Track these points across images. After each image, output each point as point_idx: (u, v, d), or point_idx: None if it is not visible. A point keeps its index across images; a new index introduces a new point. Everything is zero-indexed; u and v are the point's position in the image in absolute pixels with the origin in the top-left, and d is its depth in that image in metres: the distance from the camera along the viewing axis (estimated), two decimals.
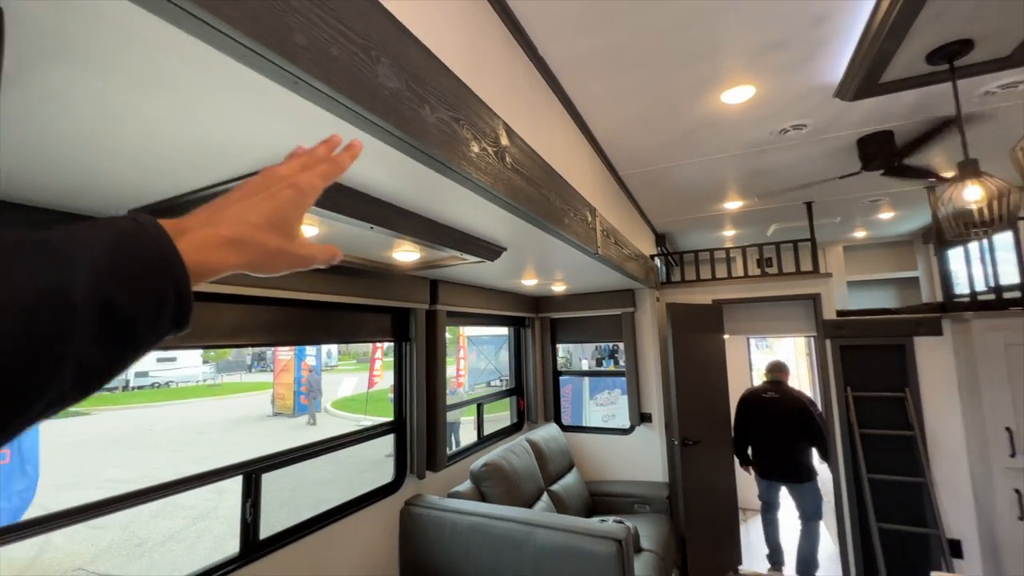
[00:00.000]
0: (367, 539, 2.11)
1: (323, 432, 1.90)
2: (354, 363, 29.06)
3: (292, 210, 0.39)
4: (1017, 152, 1.39)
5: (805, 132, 2.28)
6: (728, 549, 3.43)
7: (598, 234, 2.00)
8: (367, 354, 21.55)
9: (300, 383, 14.47)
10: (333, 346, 29.26)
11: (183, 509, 7.24)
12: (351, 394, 16.68)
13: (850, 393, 3.22)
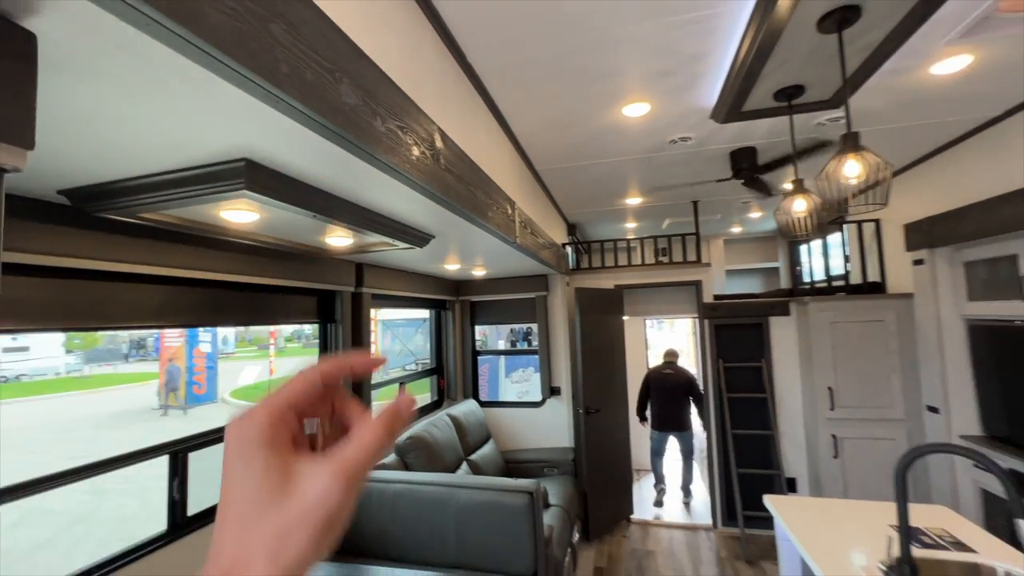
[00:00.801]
0: None
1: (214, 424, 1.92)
2: (254, 350, 27.00)
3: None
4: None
5: (690, 143, 2.69)
6: (623, 502, 3.95)
7: (517, 225, 2.23)
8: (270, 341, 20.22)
9: (193, 372, 13.27)
10: (230, 332, 26.82)
11: (53, 515, 6.46)
12: (253, 382, 15.63)
13: (722, 364, 3.84)
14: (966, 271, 2.81)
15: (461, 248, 2.46)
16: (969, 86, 2.10)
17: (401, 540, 2.19)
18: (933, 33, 1.65)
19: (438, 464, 2.71)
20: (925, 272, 3.02)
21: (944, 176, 2.99)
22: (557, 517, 2.82)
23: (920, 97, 2.19)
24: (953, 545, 1.54)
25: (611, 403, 3.90)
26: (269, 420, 0.29)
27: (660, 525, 3.88)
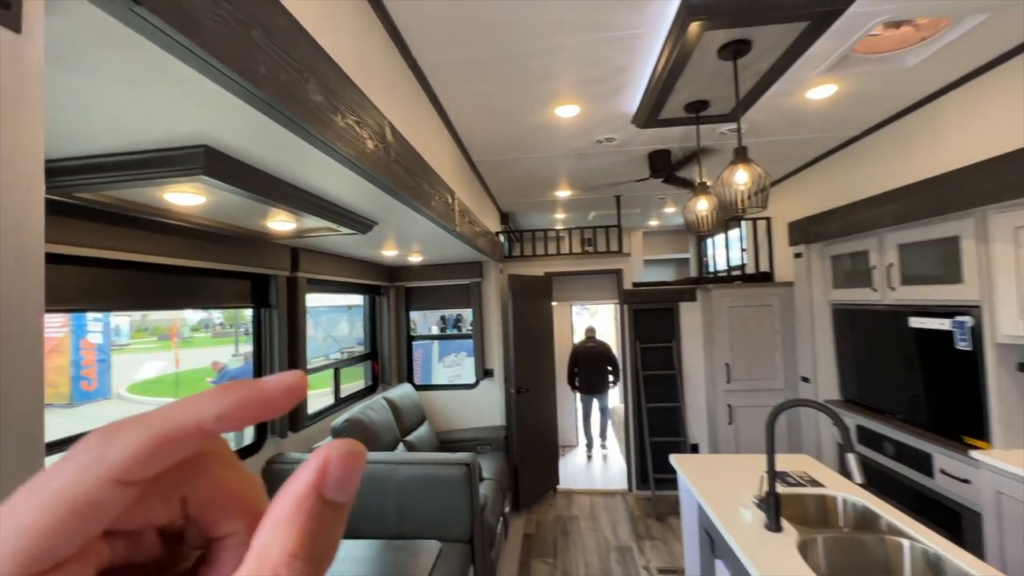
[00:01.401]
0: None
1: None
2: (154, 340, 24.38)
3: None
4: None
5: (614, 143, 2.94)
6: (550, 474, 4.25)
7: (456, 213, 2.34)
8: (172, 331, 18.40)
9: (81, 365, 11.83)
10: (124, 321, 24.02)
11: None
12: (156, 375, 14.24)
13: (638, 345, 4.24)
14: (832, 263, 3.36)
15: (401, 234, 2.53)
16: (836, 109, 2.53)
17: None
18: (807, 66, 1.99)
19: (375, 445, 2.79)
20: (803, 264, 3.56)
21: (818, 183, 3.53)
22: (490, 489, 3.01)
23: (800, 116, 2.59)
24: (809, 483, 1.93)
25: (540, 383, 4.16)
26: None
27: (583, 492, 4.24)
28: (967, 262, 2.28)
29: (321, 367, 3.21)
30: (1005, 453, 2.13)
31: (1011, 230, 2.10)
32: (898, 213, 2.56)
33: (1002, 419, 2.17)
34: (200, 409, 0.16)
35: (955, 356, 2.37)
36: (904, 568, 1.46)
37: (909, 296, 2.65)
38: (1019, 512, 1.96)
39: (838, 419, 1.44)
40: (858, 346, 3.16)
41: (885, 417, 2.86)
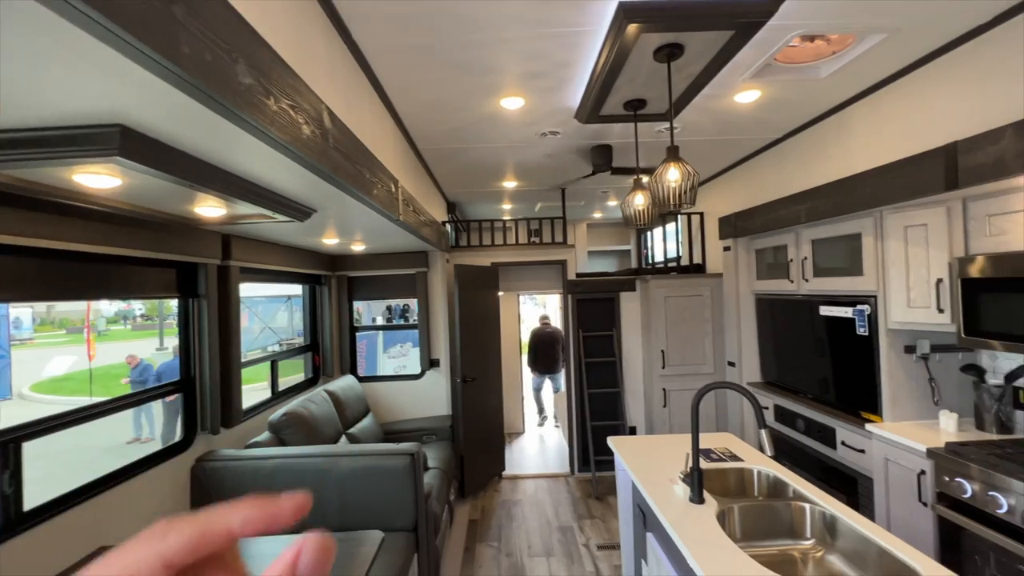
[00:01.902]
0: (152, 502, 2.05)
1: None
2: (63, 334, 22.05)
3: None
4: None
5: (558, 137, 3.00)
6: (496, 461, 4.32)
7: (400, 202, 2.31)
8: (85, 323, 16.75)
9: None
10: (25, 313, 21.55)
11: None
12: (66, 372, 12.94)
13: (581, 334, 4.38)
14: (756, 256, 3.63)
15: (343, 223, 2.46)
16: (760, 114, 2.72)
17: None
18: (734, 72, 2.13)
19: (317, 439, 2.72)
20: (731, 257, 3.82)
21: (746, 181, 3.79)
22: (435, 477, 3.03)
23: (729, 118, 2.77)
24: (730, 458, 2.10)
25: (487, 372, 4.20)
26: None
27: (528, 477, 4.35)
28: (867, 257, 2.55)
29: (257, 360, 3.07)
30: (893, 425, 2.42)
31: (901, 229, 2.37)
32: (811, 211, 2.81)
33: (891, 395, 2.47)
34: (231, 517, 0.22)
35: (856, 341, 2.66)
36: (806, 528, 1.64)
37: (820, 287, 2.92)
38: (902, 476, 2.24)
39: (752, 399, 1.58)
40: (777, 332, 3.45)
41: (798, 396, 3.15)
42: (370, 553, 1.68)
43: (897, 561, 1.31)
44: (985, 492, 1.84)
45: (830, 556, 1.55)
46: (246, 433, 2.64)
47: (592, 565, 2.92)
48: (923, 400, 2.47)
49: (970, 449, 1.99)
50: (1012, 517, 1.74)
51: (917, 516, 2.16)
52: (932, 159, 2.02)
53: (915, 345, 2.46)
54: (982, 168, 1.81)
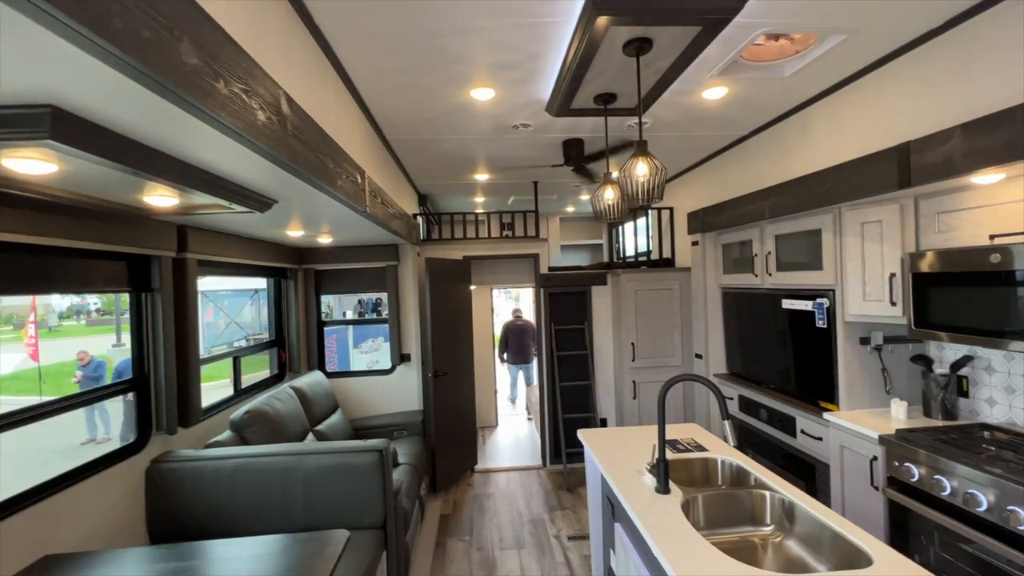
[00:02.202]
0: (103, 507, 1.95)
1: None
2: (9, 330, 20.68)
3: None
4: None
5: (530, 130, 2.98)
6: (468, 455, 4.31)
7: (367, 194, 2.25)
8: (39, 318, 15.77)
9: None
10: None
11: None
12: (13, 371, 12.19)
13: (554, 327, 4.40)
14: (723, 251, 3.72)
15: (307, 215, 2.38)
16: (727, 111, 2.77)
17: (241, 514, 2.13)
18: (702, 68, 2.16)
19: (281, 437, 2.64)
20: (699, 251, 3.90)
21: (714, 176, 3.86)
22: (406, 473, 3.00)
23: (697, 114, 2.80)
24: (696, 448, 2.15)
25: (459, 366, 4.18)
26: None
27: (500, 470, 4.36)
28: (826, 252, 2.64)
29: (218, 356, 2.96)
30: (848, 413, 2.52)
31: (858, 225, 2.46)
32: (774, 207, 2.88)
33: (847, 385, 2.57)
34: None
35: (815, 333, 2.75)
36: (766, 515, 1.69)
37: (782, 281, 3.01)
38: (856, 462, 2.34)
39: (716, 390, 1.62)
40: (742, 325, 3.54)
41: (762, 387, 3.25)
42: (335, 553, 1.64)
43: (850, 544, 1.36)
44: (931, 476, 1.93)
45: (788, 541, 1.60)
46: (206, 432, 2.55)
47: (563, 556, 2.95)
48: (876, 389, 2.58)
49: (918, 435, 2.10)
50: (954, 499, 1.84)
51: (869, 500, 2.27)
52: (886, 158, 2.10)
53: (870, 337, 2.57)
54: (932, 167, 1.89)
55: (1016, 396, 2.17)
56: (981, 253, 1.89)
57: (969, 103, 1.86)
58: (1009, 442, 1.96)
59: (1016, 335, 1.79)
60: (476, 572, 2.81)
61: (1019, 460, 1.77)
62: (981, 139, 1.69)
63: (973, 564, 1.80)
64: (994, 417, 2.26)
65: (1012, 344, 1.80)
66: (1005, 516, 1.65)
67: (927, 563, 1.99)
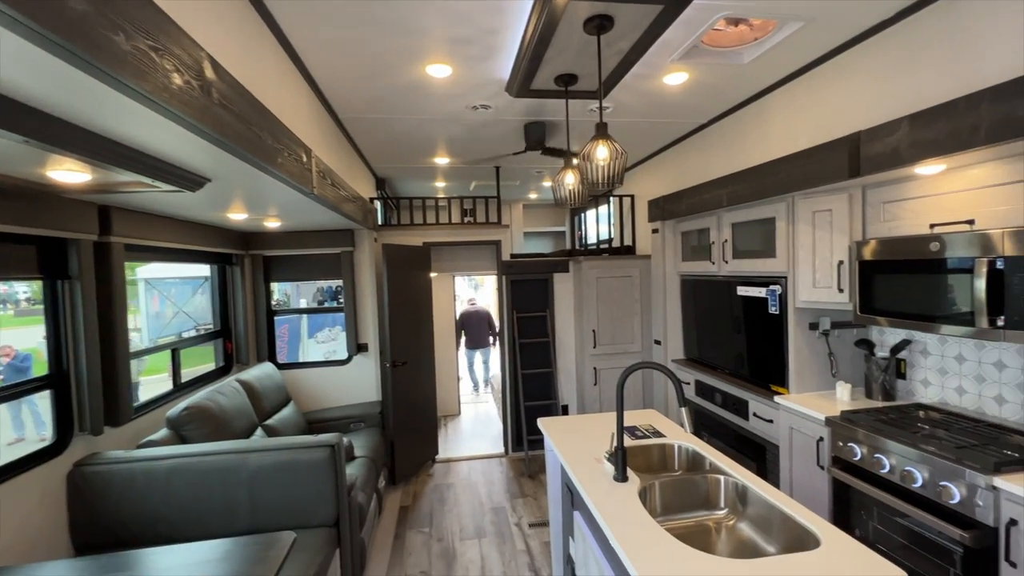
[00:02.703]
0: (18, 516, 1.76)
1: None
2: None
3: None
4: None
5: (490, 112, 2.89)
6: (429, 445, 4.24)
7: (314, 174, 2.11)
8: None
9: None
10: None
11: None
12: None
13: (516, 315, 4.36)
14: (682, 238, 3.76)
15: (249, 196, 2.21)
16: (687, 98, 2.76)
17: (179, 519, 1.98)
18: (663, 52, 2.12)
19: (226, 434, 2.48)
20: (658, 239, 3.93)
21: (674, 164, 3.89)
22: (362, 467, 2.90)
23: (659, 100, 2.78)
24: (653, 434, 2.16)
25: (419, 356, 4.08)
26: None
27: (461, 459, 4.32)
28: (780, 240, 2.70)
29: (153, 349, 2.75)
30: (797, 396, 2.61)
31: (810, 213, 2.52)
32: (731, 195, 2.92)
33: (797, 369, 2.66)
34: None
35: (768, 319, 2.83)
36: (720, 499, 1.72)
37: (738, 268, 3.07)
38: (804, 443, 2.43)
39: (673, 377, 1.61)
40: (699, 312, 3.61)
41: (717, 372, 3.33)
42: (280, 556, 1.54)
43: (799, 526, 1.39)
44: (872, 455, 2.02)
45: (741, 524, 1.63)
46: (140, 431, 2.36)
47: (523, 543, 2.95)
48: (823, 373, 2.68)
49: (860, 416, 2.19)
50: (892, 476, 1.93)
51: (815, 478, 2.36)
52: (838, 148, 2.14)
53: (818, 322, 2.66)
54: (880, 157, 1.94)
55: (948, 377, 2.30)
56: (922, 242, 1.96)
57: (916, 94, 1.91)
58: (942, 421, 2.08)
59: (948, 320, 1.87)
60: (435, 564, 2.76)
61: (951, 438, 1.87)
62: (926, 130, 1.74)
63: (908, 536, 1.90)
64: (928, 397, 2.39)
65: (945, 328, 1.89)
66: (938, 492, 1.74)
67: (866, 536, 2.09)
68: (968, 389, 2.21)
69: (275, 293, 5.47)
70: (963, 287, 1.83)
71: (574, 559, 2.08)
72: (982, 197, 1.83)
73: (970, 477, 1.66)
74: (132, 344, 2.29)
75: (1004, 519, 1.57)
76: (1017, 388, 2.02)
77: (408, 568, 2.73)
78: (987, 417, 2.10)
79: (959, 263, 1.83)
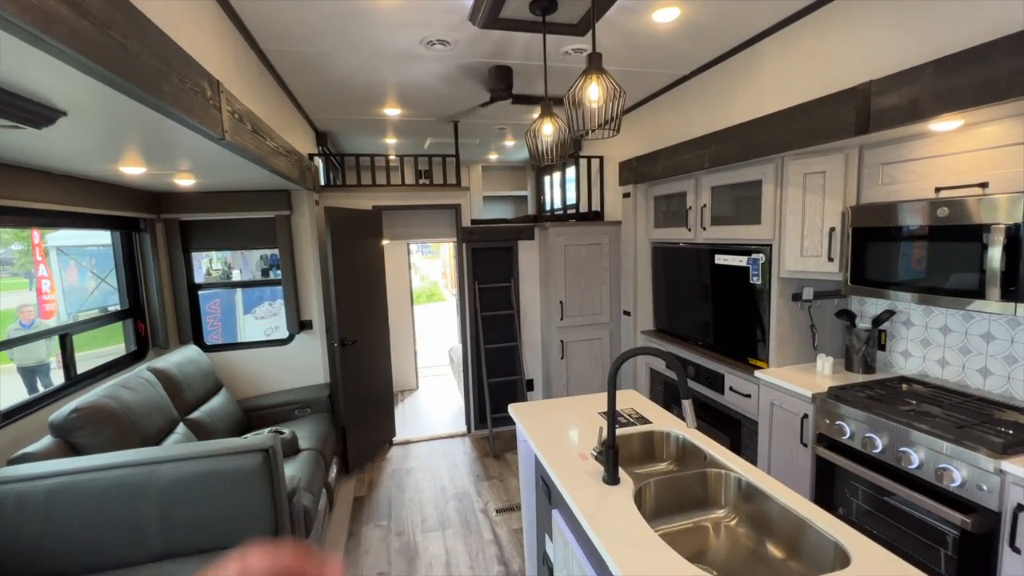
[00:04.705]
0: None
1: None
2: None
3: None
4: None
5: (449, 50, 2.46)
6: (385, 427, 3.93)
7: (225, 115, 1.65)
8: None
9: None
10: None
11: None
12: None
13: (477, 286, 4.04)
14: (655, 204, 3.53)
15: (139, 141, 1.72)
16: (675, 41, 2.45)
17: (67, 552, 1.59)
18: None
19: (133, 438, 2.06)
20: (630, 204, 3.68)
21: (648, 123, 3.61)
22: (308, 462, 2.56)
23: (643, 43, 2.45)
24: (638, 420, 1.96)
25: (371, 331, 3.70)
26: None
27: (421, 440, 4.05)
28: (765, 205, 2.51)
29: (36, 335, 2.23)
30: (778, 371, 2.49)
31: (801, 176, 2.32)
32: (715, 156, 2.69)
33: (778, 342, 2.53)
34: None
35: (747, 290, 2.67)
36: (721, 497, 1.53)
37: (716, 236, 2.88)
38: (786, 419, 2.32)
39: (679, 368, 1.37)
40: (671, 281, 3.44)
41: (689, 344, 3.19)
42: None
43: (819, 534, 1.21)
44: (863, 433, 1.91)
45: (743, 526, 1.45)
46: (15, 442, 1.90)
47: (491, 532, 2.75)
48: (804, 345, 2.57)
49: (848, 392, 2.07)
50: (885, 456, 1.82)
51: (797, 456, 2.26)
52: (842, 101, 1.92)
53: (801, 292, 2.52)
54: (895, 111, 1.73)
55: (931, 348, 2.22)
56: (927, 207, 1.80)
57: (936, 40, 1.69)
58: (930, 395, 1.99)
59: (955, 292, 1.74)
60: (395, 562, 2.51)
61: (946, 416, 1.77)
62: (955, 78, 1.53)
63: (898, 517, 1.81)
64: (908, 369, 2.32)
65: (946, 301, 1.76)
66: (938, 474, 1.64)
67: (849, 515, 2.01)
68: (951, 361, 2.14)
69: (213, 263, 4.84)
70: (972, 256, 1.68)
71: (551, 559, 1.87)
72: (996, 157, 1.66)
73: (974, 460, 1.55)
74: (41, 324, 1.79)
75: (1010, 504, 1.48)
76: (1004, 360, 1.95)
77: (365, 569, 2.46)
78: (971, 390, 2.04)
79: (971, 231, 1.68)
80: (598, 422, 1.94)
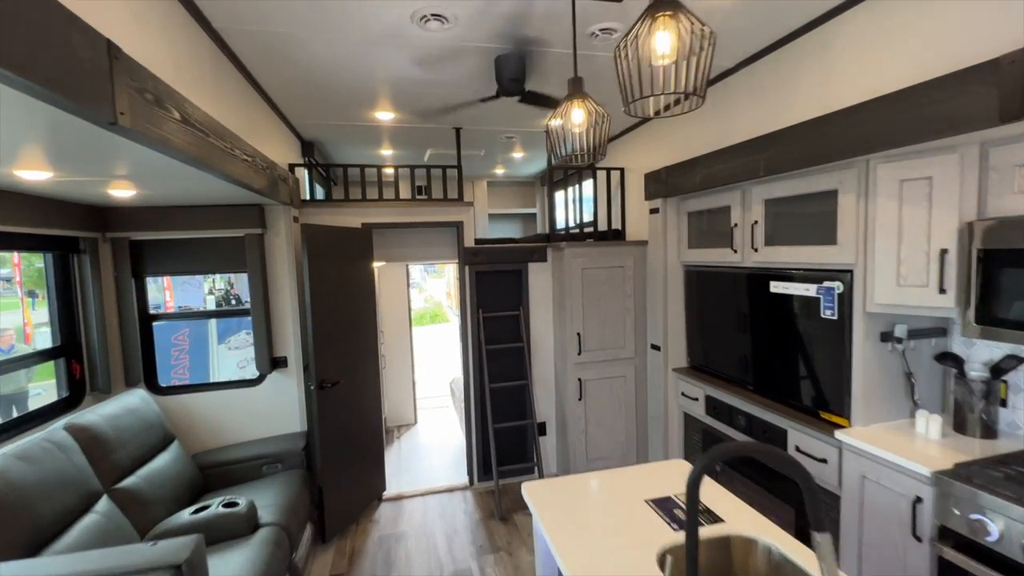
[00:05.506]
0: None
1: None
2: None
3: None
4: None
5: (448, 30, 2.00)
6: (373, 482, 3.37)
7: (122, 91, 1.17)
8: None
9: None
10: None
11: None
12: None
13: (482, 314, 3.53)
14: (689, 221, 3.03)
15: (5, 128, 1.24)
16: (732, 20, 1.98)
17: None
18: None
19: (22, 530, 1.54)
20: (659, 220, 3.18)
21: (677, 128, 3.13)
22: (266, 543, 2.01)
23: None
24: (704, 514, 1.41)
25: (357, 370, 3.18)
26: None
27: (415, 495, 3.48)
28: (843, 221, 1.99)
29: None
30: (866, 431, 1.94)
31: (895, 183, 1.81)
32: (771, 161, 2.19)
33: (864, 393, 1.98)
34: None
35: (817, 325, 2.14)
36: None
37: (772, 258, 2.37)
38: (887, 500, 1.76)
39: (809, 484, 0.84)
40: (710, 311, 2.91)
41: (735, 387, 2.65)
42: None
43: None
44: (1022, 537, 1.36)
45: None
46: None
47: None
48: (896, 397, 2.02)
49: (986, 473, 1.52)
50: None
51: (906, 552, 1.70)
52: (977, 76, 1.42)
53: (892, 331, 1.99)
54: None
55: None
56: None
57: None
58: None
59: None
60: None
61: None
62: None
63: None
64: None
65: None
66: None
67: None
68: None
69: (216, 283, 4.33)
70: None
71: None
72: None
73: None
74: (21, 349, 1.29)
75: None
76: None
77: None
78: None
79: None
80: (645, 516, 1.40)
